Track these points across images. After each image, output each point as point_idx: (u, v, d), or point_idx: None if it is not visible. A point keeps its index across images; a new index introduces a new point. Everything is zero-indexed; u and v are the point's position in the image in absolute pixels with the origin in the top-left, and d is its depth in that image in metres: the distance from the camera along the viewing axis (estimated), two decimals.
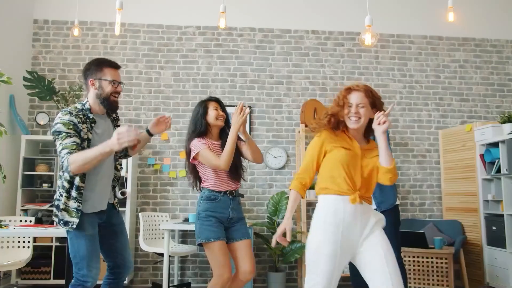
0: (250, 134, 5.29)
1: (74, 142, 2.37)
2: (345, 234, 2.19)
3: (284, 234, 2.25)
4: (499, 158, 4.63)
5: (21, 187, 4.72)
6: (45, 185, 4.91)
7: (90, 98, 2.56)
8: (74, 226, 2.41)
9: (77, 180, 2.43)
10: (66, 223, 2.42)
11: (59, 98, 5.04)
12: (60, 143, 2.35)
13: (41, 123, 5.13)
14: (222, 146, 2.98)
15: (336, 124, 2.33)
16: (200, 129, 2.98)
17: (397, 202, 3.36)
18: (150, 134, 2.88)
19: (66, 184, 2.44)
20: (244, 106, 2.88)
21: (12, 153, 4.82)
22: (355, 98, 2.28)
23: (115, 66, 2.60)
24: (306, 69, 5.56)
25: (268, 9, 5.61)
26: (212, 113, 2.99)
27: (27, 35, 5.31)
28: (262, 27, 5.59)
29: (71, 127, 2.38)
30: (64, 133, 2.36)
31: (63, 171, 2.42)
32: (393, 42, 5.71)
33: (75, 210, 2.42)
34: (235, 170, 3.01)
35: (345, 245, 2.19)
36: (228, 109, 3.19)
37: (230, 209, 2.95)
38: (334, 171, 2.25)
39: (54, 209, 2.49)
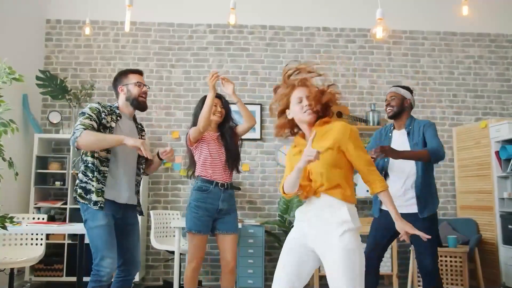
0: (261, 131, 5.34)
1: (91, 125, 2.58)
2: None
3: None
4: None
5: (34, 185, 4.77)
6: (57, 183, 4.95)
7: (120, 102, 2.82)
8: (103, 205, 2.58)
9: (98, 164, 2.62)
10: (95, 203, 2.58)
11: (71, 97, 5.08)
12: (80, 120, 2.58)
13: (54, 121, 5.17)
14: (220, 137, 3.22)
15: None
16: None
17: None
18: (160, 159, 2.93)
19: (93, 168, 2.63)
20: (218, 75, 3.02)
21: (25, 151, 4.87)
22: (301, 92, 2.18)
23: (138, 71, 2.90)
24: (318, 66, 5.50)
25: (279, 6, 5.58)
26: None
27: (40, 34, 5.36)
28: (273, 24, 5.56)
29: (95, 112, 2.64)
30: (87, 114, 2.61)
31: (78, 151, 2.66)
32: (405, 38, 5.63)
33: (100, 190, 2.60)
34: (232, 159, 3.20)
35: None
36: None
37: (221, 201, 3.12)
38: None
39: (82, 192, 2.62)
